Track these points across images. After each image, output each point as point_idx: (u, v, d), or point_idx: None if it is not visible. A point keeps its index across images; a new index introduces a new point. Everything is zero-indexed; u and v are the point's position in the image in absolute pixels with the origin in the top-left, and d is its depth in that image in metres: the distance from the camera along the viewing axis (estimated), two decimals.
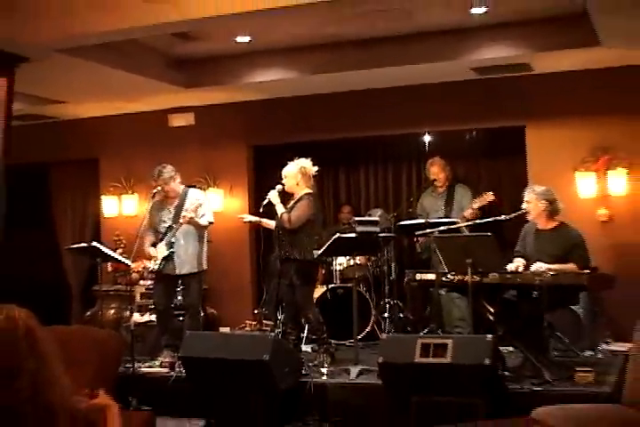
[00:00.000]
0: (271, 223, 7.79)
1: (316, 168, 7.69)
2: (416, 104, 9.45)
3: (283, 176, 7.70)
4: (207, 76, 9.45)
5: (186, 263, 7.91)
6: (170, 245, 7.85)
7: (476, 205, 8.42)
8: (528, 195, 7.14)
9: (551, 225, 7.15)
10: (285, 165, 7.74)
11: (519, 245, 7.38)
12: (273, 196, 7.67)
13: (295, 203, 7.63)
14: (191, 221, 7.78)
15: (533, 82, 9.00)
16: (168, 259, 7.87)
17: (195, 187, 8.79)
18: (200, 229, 7.96)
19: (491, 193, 8.44)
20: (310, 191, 7.67)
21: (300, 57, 9.04)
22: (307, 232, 7.56)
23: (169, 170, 8.01)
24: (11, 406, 2.55)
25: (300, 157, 7.73)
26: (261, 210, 7.79)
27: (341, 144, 9.79)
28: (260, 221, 7.93)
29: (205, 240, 8.08)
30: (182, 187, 8.16)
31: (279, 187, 7.73)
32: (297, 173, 7.62)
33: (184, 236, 7.89)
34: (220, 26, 7.77)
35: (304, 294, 7.69)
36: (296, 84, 9.43)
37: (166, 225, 7.96)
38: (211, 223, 8.06)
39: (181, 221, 7.74)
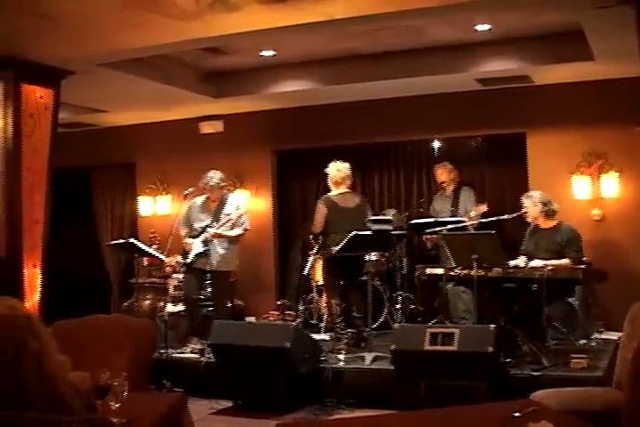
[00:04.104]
0: None
1: (349, 171, 7.95)
2: (426, 113, 9.45)
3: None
4: (235, 86, 9.49)
5: (217, 261, 7.94)
6: (205, 243, 7.88)
7: (472, 214, 8.43)
8: (525, 200, 7.26)
9: (550, 224, 7.24)
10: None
11: (524, 244, 7.43)
12: None
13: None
14: (221, 235, 7.86)
15: (533, 93, 8.99)
16: (201, 255, 7.91)
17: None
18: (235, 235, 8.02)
19: (485, 205, 8.44)
20: (330, 194, 7.90)
21: (319, 69, 9.07)
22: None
23: (218, 178, 8.02)
24: (19, 380, 2.58)
25: (325, 162, 7.99)
26: None
27: (357, 149, 9.80)
28: None
29: (237, 242, 8.10)
30: (224, 192, 8.19)
31: None
32: (334, 175, 7.93)
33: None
34: (246, 41, 7.81)
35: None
36: (315, 94, 9.45)
37: (203, 224, 7.98)
38: (246, 230, 8.08)
39: (214, 231, 7.80)
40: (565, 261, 6.87)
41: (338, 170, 7.88)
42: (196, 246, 7.92)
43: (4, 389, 2.57)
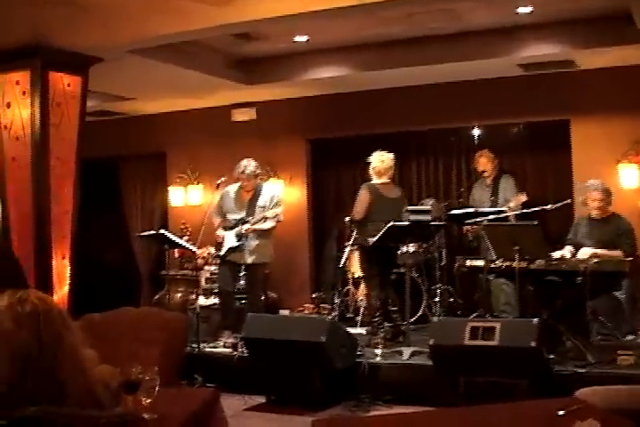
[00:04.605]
0: None
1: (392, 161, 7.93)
2: (465, 99, 9.39)
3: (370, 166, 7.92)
4: (267, 73, 9.48)
5: (252, 254, 7.97)
6: (239, 237, 7.90)
7: (512, 204, 8.35)
8: (585, 188, 7.19)
9: (604, 215, 7.20)
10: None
11: (571, 233, 7.38)
12: None
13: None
14: (255, 231, 7.88)
15: (577, 78, 8.89)
16: (235, 249, 7.94)
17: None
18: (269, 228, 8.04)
19: (524, 194, 8.38)
20: (373, 182, 7.91)
21: (354, 55, 9.03)
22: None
23: (253, 166, 8.03)
24: (57, 374, 2.60)
25: (360, 151, 7.93)
26: None
27: (394, 138, 9.75)
28: None
29: (271, 234, 8.12)
30: (258, 181, 8.20)
31: None
32: (379, 164, 7.90)
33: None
34: (278, 26, 7.79)
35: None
36: (350, 81, 9.43)
37: (238, 217, 8.00)
38: (279, 222, 8.09)
39: (249, 227, 7.83)
40: (617, 252, 6.82)
41: (382, 160, 7.85)
42: (230, 240, 7.94)
43: (44, 385, 2.59)
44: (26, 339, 2.60)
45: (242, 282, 8.45)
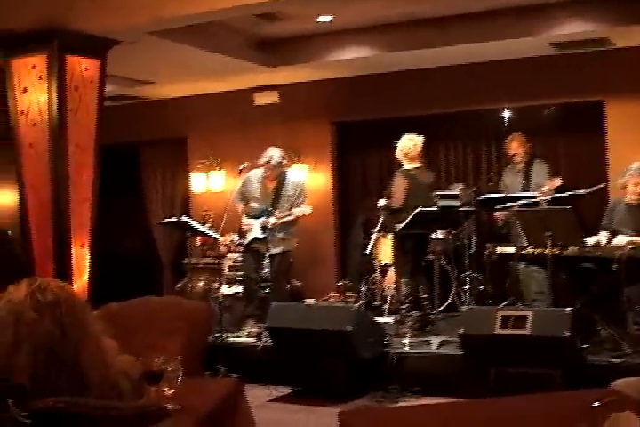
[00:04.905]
0: None
1: (419, 143, 7.87)
2: (495, 80, 9.33)
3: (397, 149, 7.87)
4: (291, 55, 9.46)
5: (277, 245, 8.00)
6: (264, 229, 7.92)
7: (545, 189, 8.29)
8: (628, 171, 7.11)
9: None
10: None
11: (605, 218, 7.30)
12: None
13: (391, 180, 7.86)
14: (277, 225, 7.92)
15: (613, 57, 8.80)
16: (260, 239, 7.96)
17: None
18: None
19: (559, 178, 8.31)
20: (406, 167, 7.87)
21: (380, 35, 8.99)
22: None
23: (279, 155, 8.02)
24: (80, 365, 2.62)
25: (403, 133, 7.93)
26: None
27: (421, 120, 9.70)
28: None
29: (295, 223, 8.13)
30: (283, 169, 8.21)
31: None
32: (408, 149, 7.86)
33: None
34: (302, 5, 7.78)
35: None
36: (376, 62, 9.40)
37: (262, 207, 8.01)
38: (304, 215, 8.09)
39: (275, 221, 7.86)
40: None
41: (414, 144, 7.78)
42: (255, 230, 7.95)
43: (66, 375, 2.61)
44: (49, 328, 2.62)
45: (265, 270, 8.47)
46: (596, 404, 3.19)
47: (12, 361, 2.59)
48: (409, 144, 7.79)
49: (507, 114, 9.85)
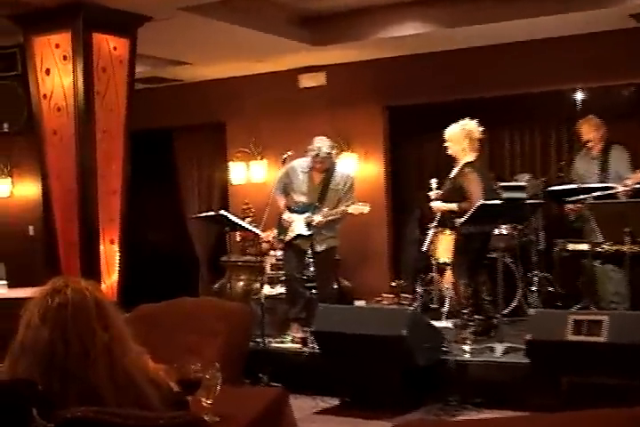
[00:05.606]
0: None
1: (481, 130, 7.60)
2: (567, 57, 9.23)
3: (447, 139, 7.62)
4: (338, 32, 9.43)
5: (322, 242, 8.00)
6: (309, 226, 7.91)
7: (629, 182, 8.17)
8: None
9: None
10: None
11: None
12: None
13: (458, 176, 7.55)
14: (322, 224, 7.89)
15: None
16: (304, 236, 7.96)
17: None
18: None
19: None
20: (471, 160, 7.59)
21: (436, 9, 8.93)
22: None
23: (328, 146, 7.96)
24: (89, 376, 2.62)
25: (464, 118, 7.65)
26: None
27: (484, 103, 9.65)
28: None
29: (343, 219, 8.12)
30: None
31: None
32: (463, 137, 7.53)
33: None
34: None
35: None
36: (433, 39, 9.34)
37: (307, 201, 8.01)
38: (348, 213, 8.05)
39: (322, 219, 7.82)
40: None
41: (479, 130, 7.68)
42: (299, 227, 7.95)
43: (74, 387, 2.62)
44: (49, 336, 2.63)
45: (311, 269, 8.47)
46: None
47: (13, 370, 2.62)
48: (477, 129, 7.65)
49: (579, 95, 9.76)
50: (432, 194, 7.80)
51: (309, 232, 7.93)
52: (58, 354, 2.61)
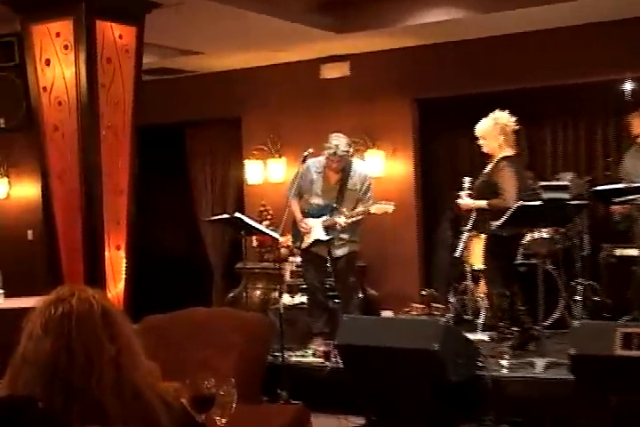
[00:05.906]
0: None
1: (514, 120, 7.55)
2: (615, 44, 9.20)
3: (479, 136, 7.58)
4: (363, 19, 9.44)
5: (341, 247, 8.00)
6: (327, 230, 7.90)
7: None
8: None
9: None
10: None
11: None
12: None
13: (492, 171, 7.51)
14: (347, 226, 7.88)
15: None
16: (323, 241, 7.95)
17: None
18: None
19: None
20: (509, 154, 7.54)
21: None
22: None
23: (345, 144, 7.96)
24: (94, 391, 2.62)
25: (496, 111, 7.59)
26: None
27: (522, 95, 9.64)
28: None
29: (363, 222, 8.11)
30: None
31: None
32: (497, 132, 7.48)
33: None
34: None
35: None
36: (466, 26, 9.34)
37: (323, 203, 8.00)
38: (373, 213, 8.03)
39: (343, 221, 7.82)
40: None
41: (512, 121, 7.63)
42: (317, 232, 7.95)
43: (80, 404, 2.61)
44: (51, 347, 2.63)
45: (331, 278, 8.47)
46: None
47: (13, 384, 2.61)
48: (512, 122, 7.61)
49: (629, 86, 9.70)
50: (463, 193, 7.77)
51: (328, 237, 7.93)
52: (60, 366, 2.60)
